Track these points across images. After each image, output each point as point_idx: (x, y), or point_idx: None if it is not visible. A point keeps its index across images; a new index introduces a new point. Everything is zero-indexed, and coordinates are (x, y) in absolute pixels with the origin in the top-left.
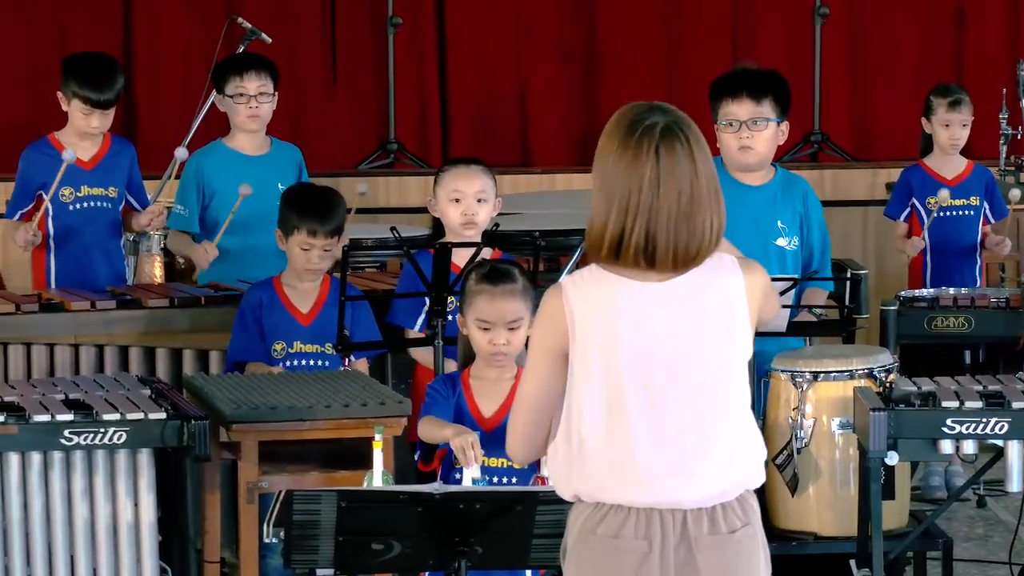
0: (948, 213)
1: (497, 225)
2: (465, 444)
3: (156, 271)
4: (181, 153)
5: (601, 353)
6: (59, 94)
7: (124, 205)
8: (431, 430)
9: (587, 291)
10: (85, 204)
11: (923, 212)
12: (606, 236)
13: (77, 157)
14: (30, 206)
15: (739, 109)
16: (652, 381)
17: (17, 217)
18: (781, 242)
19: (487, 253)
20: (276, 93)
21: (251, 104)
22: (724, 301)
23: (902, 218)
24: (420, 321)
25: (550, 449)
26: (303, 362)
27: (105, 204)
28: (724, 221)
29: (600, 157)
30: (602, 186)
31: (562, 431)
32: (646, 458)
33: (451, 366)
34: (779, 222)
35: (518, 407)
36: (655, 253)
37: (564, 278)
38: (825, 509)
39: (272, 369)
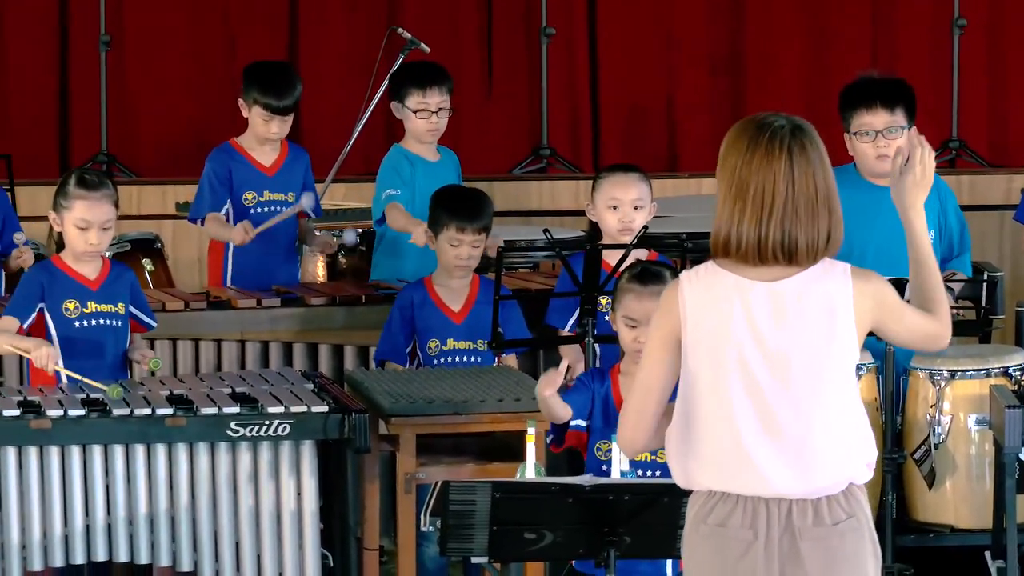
0: None
1: (646, 227)
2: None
3: (319, 270)
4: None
5: (710, 347)
6: (240, 101)
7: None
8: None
9: (701, 286)
10: (267, 208)
11: None
12: (741, 235)
13: (259, 162)
14: (224, 207)
15: (875, 119)
16: (756, 374)
17: (201, 220)
18: None
19: (643, 254)
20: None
21: (431, 120)
22: (827, 305)
23: None
24: (571, 322)
25: (667, 436)
26: (456, 359)
27: (283, 209)
28: (842, 225)
29: (726, 161)
30: (731, 187)
31: (676, 420)
32: (752, 450)
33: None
34: None
35: (633, 394)
36: (796, 249)
37: (682, 273)
38: (961, 503)
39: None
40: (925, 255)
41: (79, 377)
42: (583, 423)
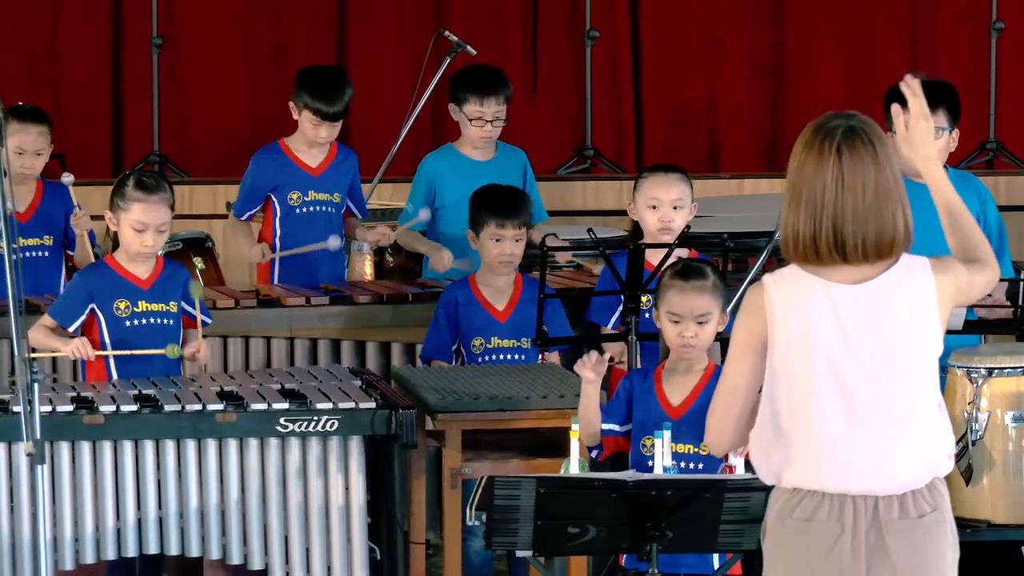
0: None
1: (688, 227)
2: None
3: (367, 269)
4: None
5: (797, 347)
6: (291, 104)
7: (344, 210)
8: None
9: (786, 288)
10: (311, 208)
11: None
12: (799, 236)
13: (305, 163)
14: (256, 208)
15: None
16: (845, 375)
17: (245, 217)
18: None
19: (684, 253)
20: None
21: (486, 128)
22: (913, 303)
23: None
24: (613, 319)
25: (751, 436)
26: (501, 356)
27: (329, 209)
28: (911, 215)
29: (790, 164)
30: (791, 190)
31: (761, 418)
32: (839, 447)
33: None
34: None
35: (719, 395)
36: (845, 247)
37: (766, 276)
38: (998, 498)
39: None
40: (952, 201)
41: (128, 352)
42: (617, 427)
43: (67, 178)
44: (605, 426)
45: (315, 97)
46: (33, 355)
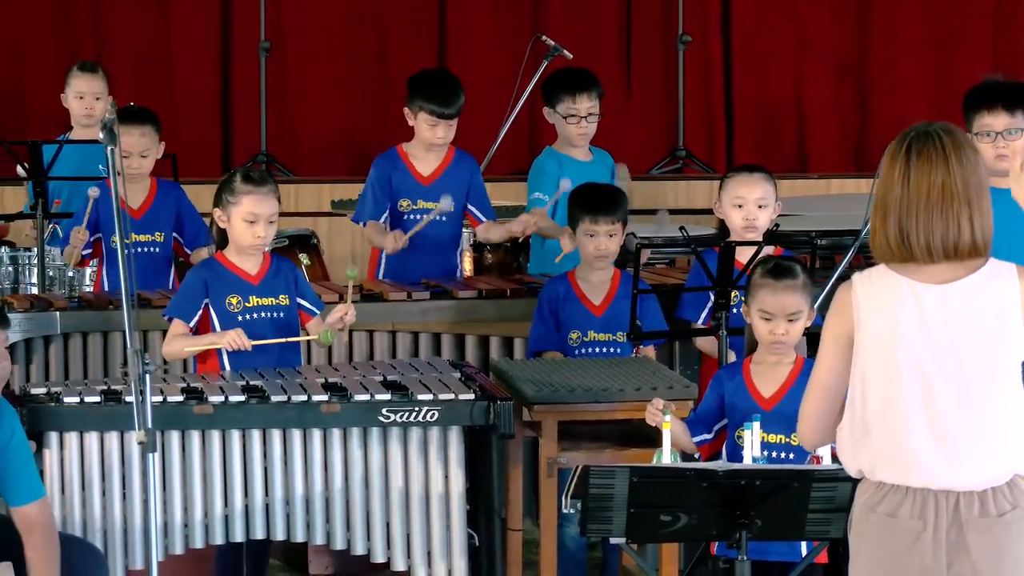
0: None
1: (777, 225)
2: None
3: (466, 265)
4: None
5: (882, 344)
6: (405, 110)
7: (467, 214)
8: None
9: (873, 287)
10: (419, 216)
11: None
12: (875, 235)
13: (418, 170)
14: (383, 212)
15: (995, 121)
16: (928, 373)
17: (381, 220)
18: None
19: (769, 250)
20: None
21: (581, 124)
22: (996, 307)
23: None
24: (704, 315)
25: (838, 430)
26: (596, 350)
27: (441, 217)
28: (989, 222)
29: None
30: (874, 192)
31: (847, 414)
32: (921, 444)
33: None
34: None
35: (810, 391)
36: (911, 246)
37: (855, 275)
38: None
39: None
40: None
41: (273, 341)
42: (708, 436)
43: (94, 191)
44: (696, 438)
45: (429, 98)
46: (190, 349)
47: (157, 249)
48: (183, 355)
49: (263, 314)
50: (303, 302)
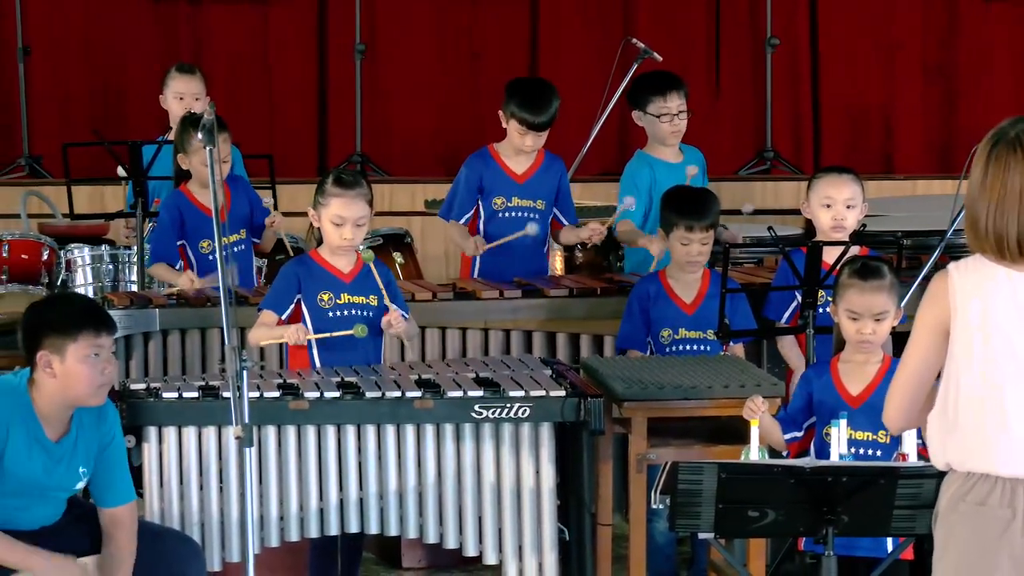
0: None
1: (864, 226)
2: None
3: (557, 264)
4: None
5: (979, 332)
6: (500, 112)
7: (552, 219)
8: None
9: (969, 275)
10: (515, 213)
11: None
12: (967, 228)
13: (512, 169)
14: (469, 211)
15: None
16: (1022, 360)
17: (464, 221)
18: None
19: (855, 250)
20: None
21: (674, 122)
22: None
23: None
24: (787, 314)
25: (928, 420)
26: (687, 347)
27: (532, 216)
28: None
29: None
30: (967, 191)
31: (939, 403)
32: (1016, 431)
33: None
34: None
35: (899, 378)
36: (992, 241)
37: (951, 264)
38: None
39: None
40: None
41: (327, 335)
42: (798, 433)
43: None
44: (788, 436)
45: (522, 107)
46: (262, 342)
47: (243, 247)
48: (255, 345)
49: (353, 312)
50: (392, 305)
